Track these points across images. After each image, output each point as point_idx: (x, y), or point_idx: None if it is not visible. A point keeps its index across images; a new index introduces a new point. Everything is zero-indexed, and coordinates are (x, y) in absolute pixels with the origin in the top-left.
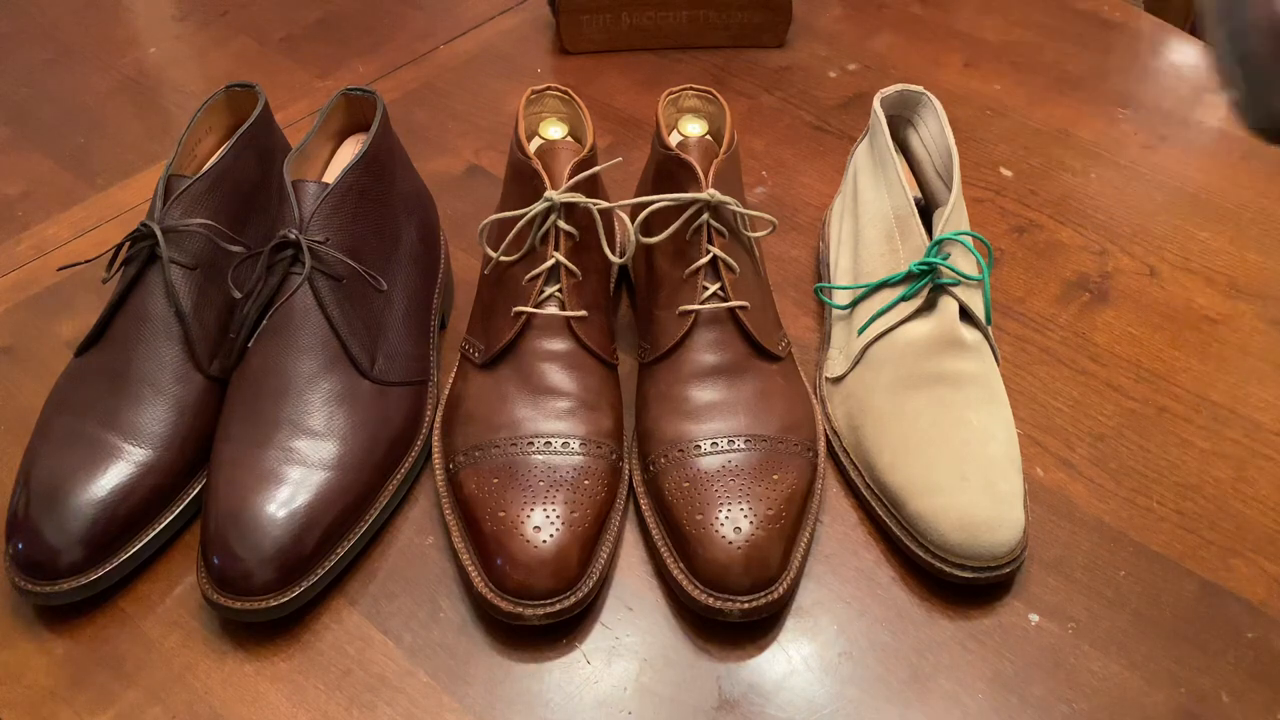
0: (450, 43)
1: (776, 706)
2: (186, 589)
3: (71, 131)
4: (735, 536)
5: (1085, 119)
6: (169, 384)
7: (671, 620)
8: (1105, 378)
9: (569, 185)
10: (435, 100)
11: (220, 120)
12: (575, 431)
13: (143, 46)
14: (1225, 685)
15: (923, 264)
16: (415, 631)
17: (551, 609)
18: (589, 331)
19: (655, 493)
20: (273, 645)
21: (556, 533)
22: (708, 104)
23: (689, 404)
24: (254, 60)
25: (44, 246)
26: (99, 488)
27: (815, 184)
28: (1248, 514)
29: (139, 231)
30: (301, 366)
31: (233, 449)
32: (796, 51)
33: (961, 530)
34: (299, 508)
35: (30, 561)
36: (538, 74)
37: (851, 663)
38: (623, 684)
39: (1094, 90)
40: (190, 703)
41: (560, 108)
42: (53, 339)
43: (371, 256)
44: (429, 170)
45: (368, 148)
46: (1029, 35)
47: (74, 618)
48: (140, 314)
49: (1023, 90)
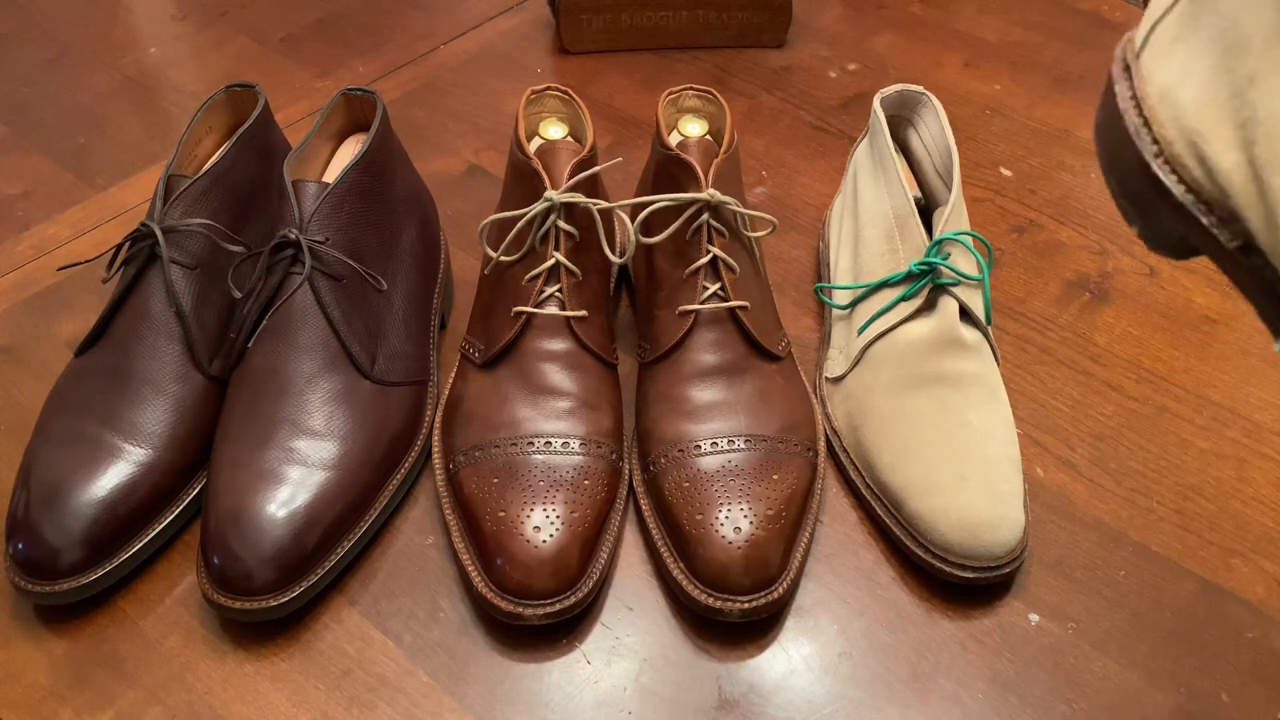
0: (450, 43)
1: (776, 706)
2: (186, 589)
3: (71, 131)
4: (735, 536)
5: (1085, 118)
6: (169, 384)
7: (671, 620)
8: (1105, 378)
9: (569, 185)
10: (435, 100)
11: (220, 120)
12: (575, 431)
13: (143, 46)
14: (1225, 685)
15: (923, 264)
16: (415, 631)
17: (551, 609)
18: (589, 331)
19: (655, 493)
20: (273, 645)
21: (556, 533)
22: (708, 104)
23: (689, 404)
24: (254, 60)
25: (44, 246)
26: (99, 487)
27: (815, 184)
28: (1248, 514)
29: (139, 231)
30: (301, 366)
31: (233, 449)
32: (796, 51)
33: (961, 530)
34: (299, 507)
35: (30, 561)
36: (538, 74)
37: (851, 663)
38: (623, 684)
39: (1094, 90)
40: (190, 703)
41: (560, 108)
42: (53, 339)
43: (371, 256)
44: (429, 170)
45: (368, 148)
46: (1029, 35)
47: (74, 618)
48: (140, 314)
49: (1023, 90)
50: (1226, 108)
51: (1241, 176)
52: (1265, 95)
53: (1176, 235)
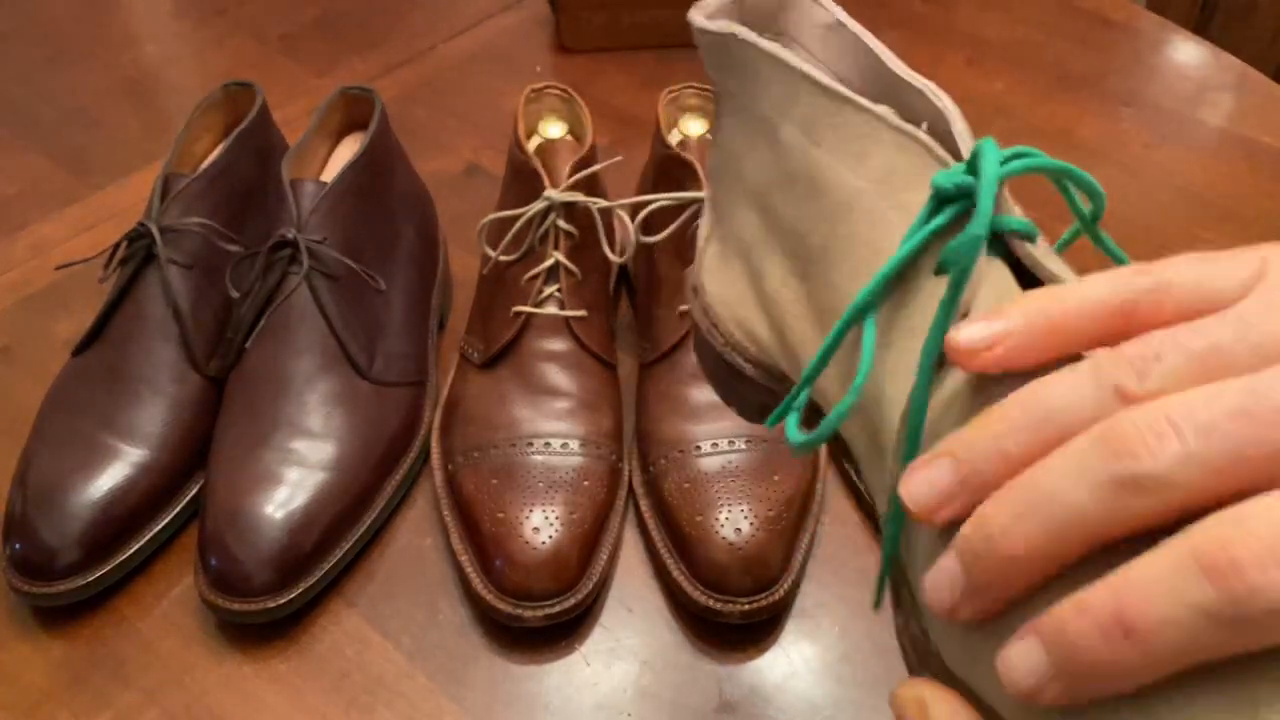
0: (449, 41)
1: (777, 708)
2: (184, 590)
3: (68, 130)
4: (736, 538)
5: (1087, 118)
6: (166, 384)
7: (672, 622)
8: None
9: (568, 184)
10: (434, 99)
11: (218, 119)
12: (575, 432)
13: (140, 45)
14: None
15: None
16: (414, 633)
17: (551, 611)
18: (589, 331)
19: (655, 494)
20: (271, 647)
21: (556, 534)
22: (708, 102)
23: (689, 404)
24: (252, 58)
25: (41, 246)
26: (96, 488)
27: None
28: None
29: (136, 231)
30: (299, 366)
31: (230, 449)
32: None
33: None
34: (297, 508)
35: (27, 562)
36: (537, 72)
37: (853, 665)
38: (623, 686)
39: (1096, 89)
40: (188, 704)
41: (560, 106)
42: (50, 338)
43: (370, 256)
44: (428, 169)
45: (366, 146)
46: (1031, 34)
47: (71, 619)
48: (137, 313)
49: (1024, 89)
50: (754, 295)
51: (774, 343)
52: (766, 279)
53: (760, 404)
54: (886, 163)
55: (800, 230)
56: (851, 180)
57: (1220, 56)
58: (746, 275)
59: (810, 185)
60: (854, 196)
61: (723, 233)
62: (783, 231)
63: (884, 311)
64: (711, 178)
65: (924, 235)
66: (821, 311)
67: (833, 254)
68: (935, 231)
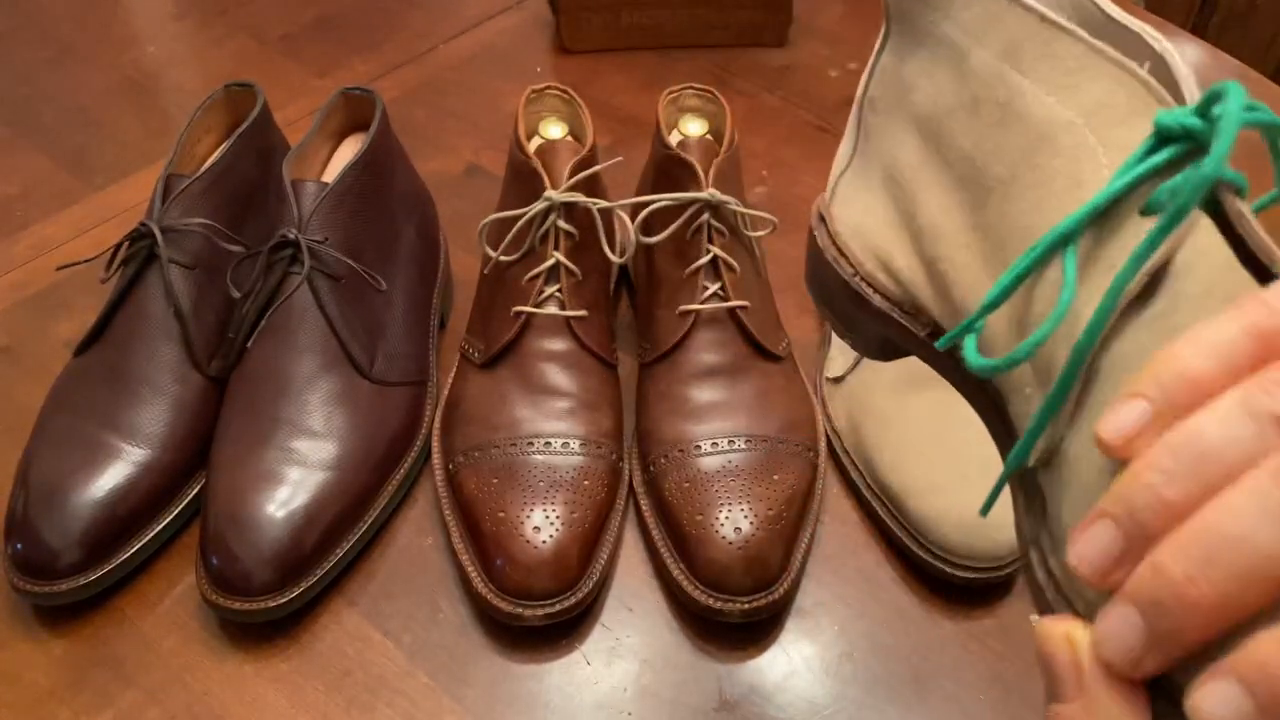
0: (450, 41)
1: (777, 707)
2: (185, 589)
3: (70, 131)
4: (735, 537)
5: None
6: (168, 384)
7: (672, 621)
8: None
9: (569, 185)
10: (434, 99)
11: (219, 119)
12: (575, 432)
13: (141, 45)
14: None
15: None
16: (415, 632)
17: (551, 610)
18: (589, 331)
19: (655, 493)
20: (272, 646)
21: (556, 533)
22: (708, 103)
23: (689, 404)
24: (253, 59)
25: (43, 246)
26: (98, 488)
27: (816, 184)
28: None
29: (138, 231)
30: (300, 366)
31: (231, 449)
32: (797, 50)
33: (963, 530)
34: (298, 508)
35: (29, 562)
36: (537, 73)
37: (852, 664)
38: (623, 685)
39: None
40: (189, 703)
41: (560, 107)
42: (51, 339)
43: (371, 256)
44: (428, 170)
45: (367, 147)
46: None
47: (73, 618)
48: (139, 314)
49: None
50: (899, 226)
51: (919, 274)
52: (922, 208)
53: (880, 338)
54: (1100, 96)
55: (979, 158)
56: (1058, 111)
57: (1219, 57)
58: (893, 204)
59: (1002, 113)
60: (1058, 128)
61: (865, 162)
62: (952, 160)
63: (1081, 244)
64: (867, 105)
65: (1141, 171)
66: (997, 241)
67: (1021, 184)
68: (1154, 169)
